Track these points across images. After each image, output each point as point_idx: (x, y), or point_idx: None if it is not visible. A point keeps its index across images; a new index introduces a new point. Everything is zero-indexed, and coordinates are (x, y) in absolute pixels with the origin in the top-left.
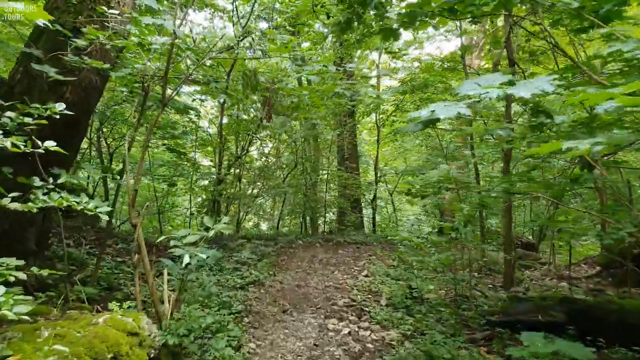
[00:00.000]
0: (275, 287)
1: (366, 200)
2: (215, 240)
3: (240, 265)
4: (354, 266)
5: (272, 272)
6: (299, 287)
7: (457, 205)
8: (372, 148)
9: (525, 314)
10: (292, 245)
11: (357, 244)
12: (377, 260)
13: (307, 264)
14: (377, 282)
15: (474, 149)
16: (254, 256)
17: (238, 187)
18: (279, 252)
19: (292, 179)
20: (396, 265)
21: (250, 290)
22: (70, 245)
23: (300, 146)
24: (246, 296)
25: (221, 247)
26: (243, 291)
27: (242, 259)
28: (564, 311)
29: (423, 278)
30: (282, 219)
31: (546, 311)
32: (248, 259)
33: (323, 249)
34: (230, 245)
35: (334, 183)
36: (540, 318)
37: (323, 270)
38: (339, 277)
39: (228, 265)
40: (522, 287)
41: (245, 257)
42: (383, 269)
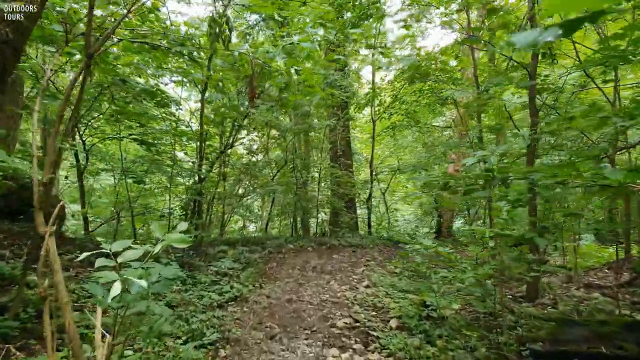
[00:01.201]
0: (261, 303)
1: (361, 199)
2: (193, 247)
3: (220, 277)
4: (352, 274)
5: (258, 283)
6: (290, 303)
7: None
8: (365, 146)
9: (581, 343)
10: (281, 249)
11: (352, 247)
12: (377, 266)
13: (299, 271)
14: (381, 295)
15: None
16: (236, 265)
17: (222, 185)
18: (267, 259)
19: (281, 177)
20: (399, 272)
21: (230, 310)
22: (6, 256)
23: (291, 141)
24: (224, 318)
25: (198, 255)
26: (221, 310)
27: (223, 269)
28: (635, 341)
29: (438, 290)
30: (272, 220)
31: (610, 340)
32: (230, 268)
33: (316, 253)
34: (210, 252)
35: (326, 181)
36: (604, 350)
37: (317, 279)
38: (335, 289)
39: (205, 278)
40: (547, 298)
41: (226, 267)
42: (386, 277)
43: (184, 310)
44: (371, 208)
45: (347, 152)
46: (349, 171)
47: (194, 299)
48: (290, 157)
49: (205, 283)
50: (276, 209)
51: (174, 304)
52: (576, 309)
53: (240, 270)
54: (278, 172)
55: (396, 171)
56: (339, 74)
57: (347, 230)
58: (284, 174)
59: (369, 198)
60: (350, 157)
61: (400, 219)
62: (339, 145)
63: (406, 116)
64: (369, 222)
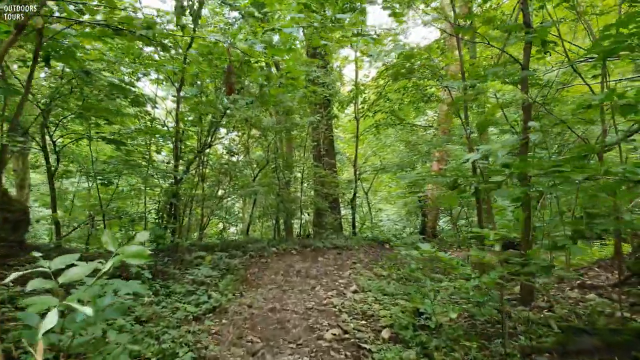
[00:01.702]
0: (242, 314)
1: (345, 199)
2: (169, 253)
3: (197, 287)
4: (339, 278)
5: (239, 291)
6: (273, 312)
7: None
8: (348, 145)
9: (592, 354)
10: (263, 253)
11: (337, 249)
12: (364, 268)
13: (283, 277)
14: (370, 301)
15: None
16: (215, 272)
17: (201, 187)
18: (248, 264)
19: (263, 178)
20: (387, 275)
21: (208, 323)
22: None
23: (272, 141)
24: (201, 333)
25: (174, 261)
26: (198, 324)
27: (199, 277)
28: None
29: (434, 297)
30: (253, 223)
31: (623, 350)
32: (207, 276)
33: (300, 256)
34: (186, 259)
35: (309, 181)
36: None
37: (302, 284)
38: (322, 295)
39: (180, 288)
40: (542, 300)
41: (204, 275)
42: (374, 281)
43: (155, 326)
44: (355, 208)
45: (330, 151)
46: (332, 170)
47: (167, 312)
48: (272, 157)
49: (180, 293)
50: (258, 211)
51: (144, 318)
52: (573, 312)
53: (219, 277)
54: (259, 173)
55: (380, 170)
56: (322, 71)
57: (331, 231)
58: (265, 174)
59: (353, 198)
60: (333, 156)
61: (385, 219)
62: (322, 145)
63: (390, 114)
64: (353, 223)
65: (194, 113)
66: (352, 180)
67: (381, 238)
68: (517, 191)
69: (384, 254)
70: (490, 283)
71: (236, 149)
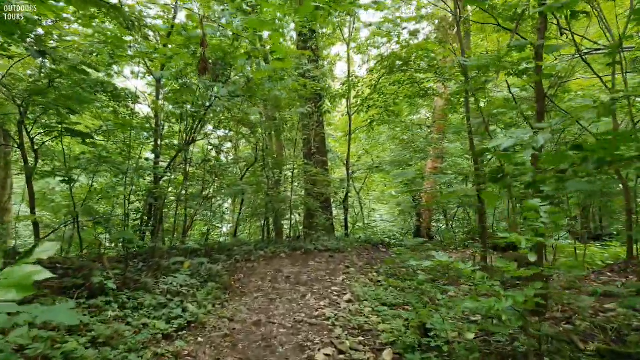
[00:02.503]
0: (221, 329)
1: (337, 199)
2: (145, 258)
3: (171, 298)
4: (331, 284)
5: (221, 301)
6: (258, 326)
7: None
8: (339, 144)
9: None
10: (250, 257)
11: (329, 252)
12: (358, 273)
13: (270, 283)
14: (367, 312)
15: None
16: (194, 280)
17: (185, 186)
18: (233, 269)
19: (251, 177)
20: (383, 280)
21: (179, 344)
22: None
23: (261, 136)
24: (169, 357)
25: (149, 267)
26: (168, 344)
27: (175, 286)
28: None
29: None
30: (240, 224)
31: None
32: (184, 285)
33: (290, 260)
34: (163, 265)
35: (300, 180)
36: None
37: (291, 292)
38: (313, 305)
39: (150, 300)
40: (557, 310)
41: (179, 284)
42: (370, 288)
43: (113, 350)
44: (348, 208)
45: (321, 149)
46: (324, 169)
47: (132, 331)
48: (260, 155)
49: (150, 306)
50: (245, 212)
51: (103, 339)
52: (595, 325)
53: (198, 286)
54: (247, 171)
55: (374, 169)
56: (313, 65)
57: (323, 232)
58: (254, 172)
59: (345, 198)
60: (325, 154)
61: (378, 219)
62: (313, 142)
63: (385, 109)
64: (345, 224)
65: (173, 102)
66: (345, 179)
67: (375, 239)
68: (584, 184)
69: (379, 256)
70: (530, 304)
71: (222, 146)
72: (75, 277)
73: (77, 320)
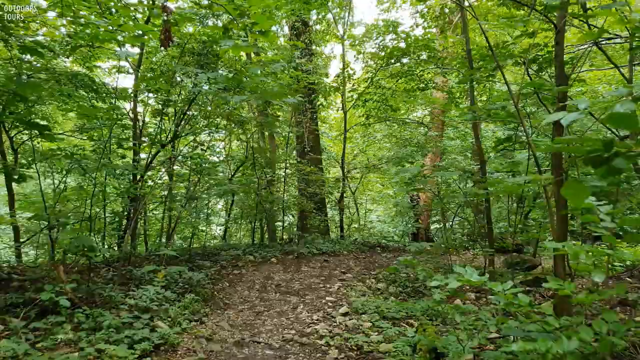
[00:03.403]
0: (196, 352)
1: (332, 199)
2: (113, 266)
3: (139, 315)
4: (326, 293)
5: (199, 317)
6: (240, 347)
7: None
8: (333, 144)
9: None
10: (238, 262)
11: (324, 255)
12: (355, 280)
13: (258, 292)
14: (366, 328)
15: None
16: (169, 292)
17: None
18: (218, 277)
19: (241, 176)
20: (384, 288)
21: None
22: None
23: (251, 132)
24: None
25: (120, 277)
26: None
27: (144, 300)
28: None
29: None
30: (230, 226)
31: None
32: (154, 300)
33: (281, 265)
34: (136, 274)
35: (293, 180)
36: None
37: (281, 303)
38: (304, 318)
39: (113, 320)
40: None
41: (149, 298)
42: (369, 298)
43: None
44: (343, 209)
45: (315, 147)
46: (318, 168)
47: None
48: (250, 153)
49: (110, 327)
50: (234, 213)
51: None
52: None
53: (174, 299)
54: (237, 170)
55: (370, 167)
56: (306, 59)
57: (317, 234)
58: (244, 172)
59: (340, 198)
60: (319, 152)
61: (374, 220)
62: (306, 140)
63: (382, 103)
64: (341, 225)
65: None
66: (340, 179)
67: (372, 241)
68: None
69: (377, 260)
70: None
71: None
72: (26, 291)
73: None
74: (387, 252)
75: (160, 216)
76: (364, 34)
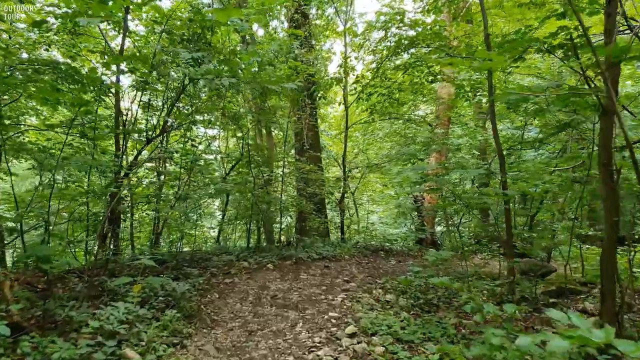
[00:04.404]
0: None
1: (332, 200)
2: (88, 277)
3: (104, 341)
4: (328, 307)
5: (180, 339)
6: None
7: None
8: (333, 143)
9: None
10: (230, 269)
11: (325, 261)
12: (360, 289)
13: (252, 306)
14: (379, 356)
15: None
16: (144, 310)
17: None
18: (206, 287)
19: (237, 175)
20: (393, 300)
21: None
22: None
23: (247, 128)
24: None
25: (90, 288)
26: None
27: (111, 322)
28: None
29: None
30: (224, 228)
31: None
32: (124, 322)
33: (278, 272)
34: (109, 286)
35: (291, 179)
36: None
37: (277, 319)
38: (304, 340)
39: (67, 349)
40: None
41: (117, 319)
42: (378, 314)
43: None
44: (344, 210)
45: (315, 145)
46: (317, 166)
47: None
48: (246, 150)
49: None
50: (230, 214)
51: None
52: None
53: (152, 317)
54: (232, 169)
55: (373, 166)
56: (306, 49)
57: (316, 237)
58: (239, 170)
59: (341, 198)
60: (319, 150)
61: (376, 221)
62: (305, 138)
63: (388, 97)
64: (342, 227)
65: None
66: (340, 178)
67: (374, 244)
68: None
69: (381, 265)
70: None
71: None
72: None
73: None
74: (391, 256)
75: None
76: (368, 22)
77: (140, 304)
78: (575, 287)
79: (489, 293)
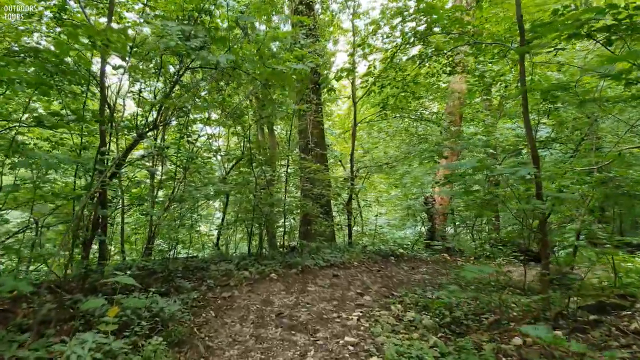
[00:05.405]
0: None
1: (339, 202)
2: (62, 292)
3: None
4: (342, 330)
5: None
6: None
7: None
8: (338, 143)
9: None
10: (229, 280)
11: (333, 269)
12: (376, 305)
13: (253, 327)
14: None
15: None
16: (120, 341)
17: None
18: (201, 303)
19: (237, 175)
20: (417, 320)
21: None
22: None
23: (248, 125)
24: None
25: (58, 311)
26: None
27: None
28: None
29: None
30: (224, 232)
31: None
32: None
33: (282, 283)
34: (81, 309)
35: (295, 179)
36: None
37: (284, 345)
38: None
39: None
40: None
41: (80, 357)
42: (403, 338)
43: None
44: (352, 213)
45: (320, 143)
46: (323, 165)
47: None
48: (247, 148)
49: None
50: (230, 217)
51: None
52: None
53: (130, 349)
54: (232, 168)
55: (384, 166)
56: (311, 40)
57: (322, 241)
58: (240, 170)
59: (349, 200)
60: (324, 148)
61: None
62: (310, 136)
63: (402, 89)
64: (349, 231)
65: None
66: (348, 178)
67: (384, 249)
68: None
69: (394, 273)
70: None
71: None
72: None
73: None
74: (403, 262)
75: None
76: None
77: (119, 331)
78: (615, 300)
79: (519, 307)
